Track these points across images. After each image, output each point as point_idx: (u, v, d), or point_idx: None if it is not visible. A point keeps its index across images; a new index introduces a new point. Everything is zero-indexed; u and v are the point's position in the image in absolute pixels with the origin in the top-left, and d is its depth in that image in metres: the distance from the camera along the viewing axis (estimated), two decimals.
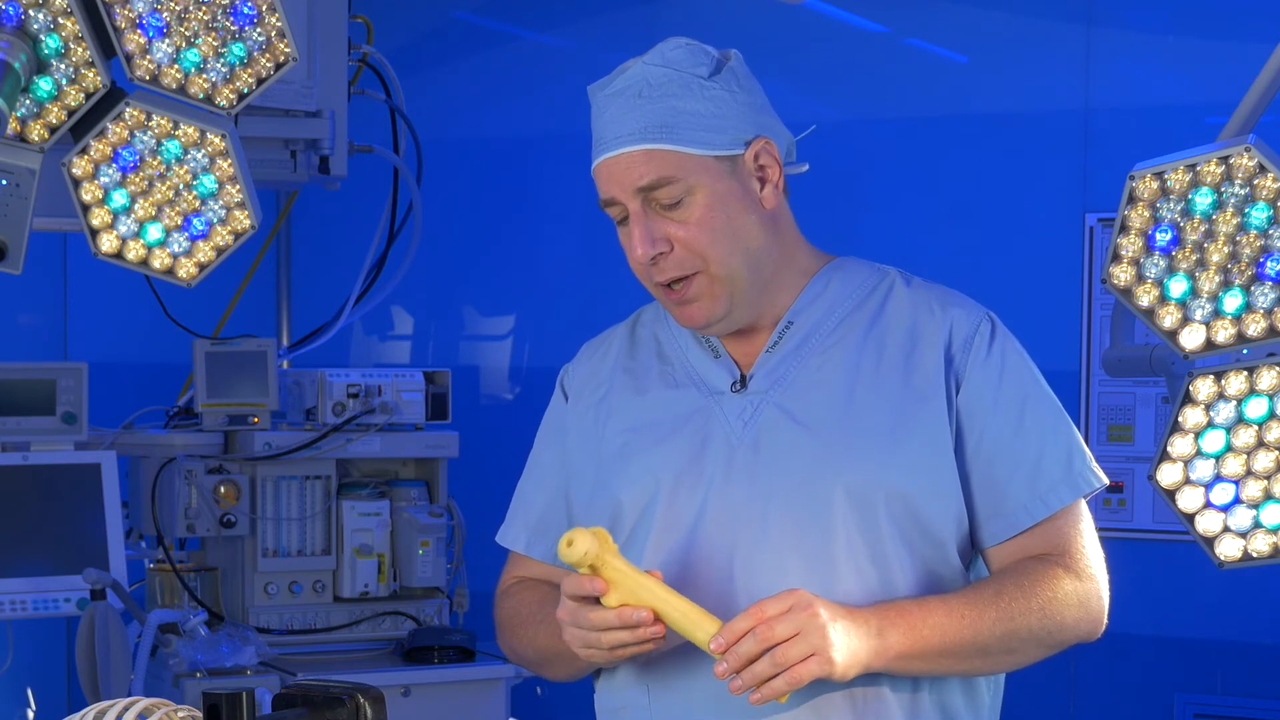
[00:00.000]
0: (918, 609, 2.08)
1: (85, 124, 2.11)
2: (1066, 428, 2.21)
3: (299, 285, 4.98)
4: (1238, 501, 2.11)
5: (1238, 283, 2.04)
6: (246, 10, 2.06)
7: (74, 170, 2.13)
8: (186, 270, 2.18)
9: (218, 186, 2.14)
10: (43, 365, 3.87)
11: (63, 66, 2.08)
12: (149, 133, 2.11)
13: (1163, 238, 2.05)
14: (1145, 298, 2.08)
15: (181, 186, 2.14)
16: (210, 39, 2.06)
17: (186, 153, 2.12)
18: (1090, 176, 4.36)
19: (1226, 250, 2.03)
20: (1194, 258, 2.05)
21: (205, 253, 2.17)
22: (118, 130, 2.11)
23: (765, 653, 1.98)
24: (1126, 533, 4.27)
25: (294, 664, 3.82)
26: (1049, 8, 4.41)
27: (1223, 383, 2.10)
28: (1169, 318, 2.07)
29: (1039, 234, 4.41)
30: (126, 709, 1.56)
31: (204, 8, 2.06)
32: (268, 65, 2.08)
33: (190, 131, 2.11)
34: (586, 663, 2.19)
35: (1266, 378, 2.08)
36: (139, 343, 4.65)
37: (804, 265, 2.25)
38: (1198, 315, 2.06)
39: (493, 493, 2.40)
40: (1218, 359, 2.09)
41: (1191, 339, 2.07)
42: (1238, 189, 2.01)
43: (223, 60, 2.07)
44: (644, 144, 2.13)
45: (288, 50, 2.07)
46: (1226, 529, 2.13)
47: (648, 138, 2.13)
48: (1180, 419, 2.12)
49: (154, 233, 2.16)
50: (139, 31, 2.06)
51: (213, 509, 3.88)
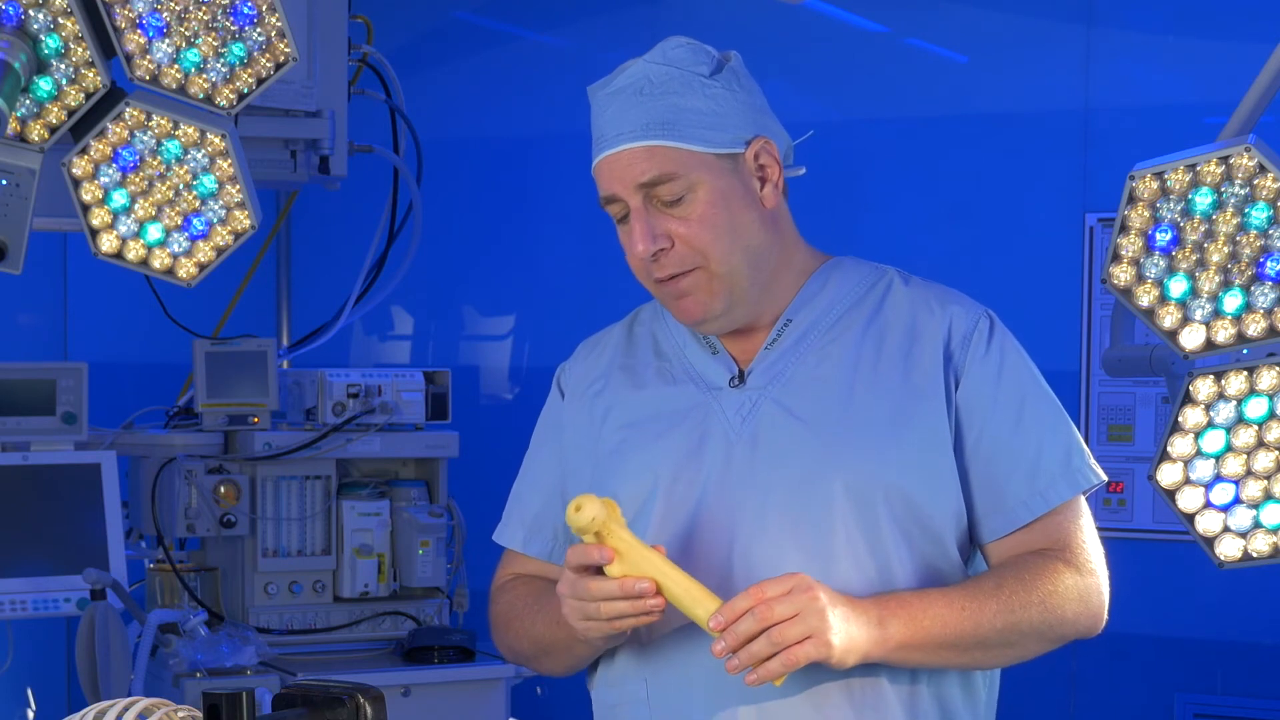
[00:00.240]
0: (918, 600, 2.09)
1: (85, 124, 2.11)
2: (1065, 425, 2.22)
3: (299, 285, 4.98)
4: (1238, 501, 2.11)
5: (1238, 283, 2.04)
6: (246, 10, 2.06)
7: (74, 170, 2.12)
8: (186, 270, 2.18)
9: (218, 186, 2.14)
10: (43, 365, 3.87)
11: (63, 66, 2.08)
12: (149, 133, 2.11)
13: (1163, 238, 2.05)
14: (1145, 298, 2.08)
15: (181, 186, 2.14)
16: (210, 39, 2.06)
17: (186, 153, 2.12)
18: (1090, 176, 4.36)
19: (1226, 250, 2.03)
20: (1194, 258, 2.05)
21: (205, 253, 2.17)
22: (118, 130, 2.11)
23: (763, 632, 1.98)
24: (1126, 533, 4.27)
25: (294, 664, 3.82)
26: (1049, 8, 4.41)
27: (1223, 383, 2.10)
28: (1169, 318, 2.07)
29: (1039, 234, 4.41)
30: (126, 709, 1.56)
31: (204, 8, 2.06)
32: (268, 65, 2.08)
33: (190, 131, 2.11)
34: (584, 651, 2.19)
35: (1266, 378, 2.08)
36: (139, 343, 4.65)
37: (802, 265, 2.26)
38: (1198, 315, 2.06)
39: (493, 493, 2.40)
40: (1218, 359, 2.09)
41: (1191, 339, 2.07)
42: (1238, 189, 2.01)
43: (223, 60, 2.07)
44: (646, 140, 2.13)
45: (288, 50, 2.07)
46: (1226, 529, 2.13)
47: (650, 134, 2.13)
48: (1180, 419, 2.12)
49: (154, 233, 2.16)
50: (139, 31, 2.06)
51: (213, 509, 3.88)
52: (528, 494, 2.35)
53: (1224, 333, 2.06)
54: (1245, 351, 2.08)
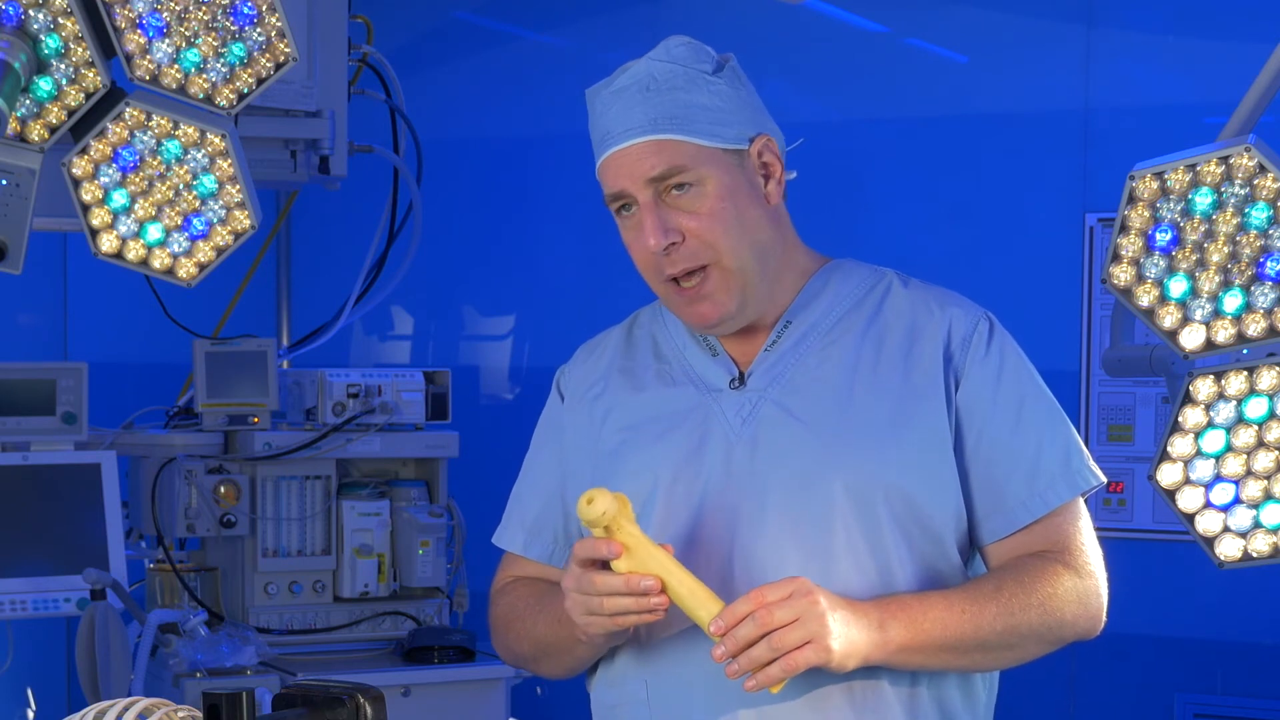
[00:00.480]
0: (918, 603, 2.09)
1: (85, 124, 2.11)
2: (1064, 426, 2.22)
3: (299, 285, 4.98)
4: (1238, 501, 2.11)
5: (1238, 283, 2.04)
6: (246, 10, 2.06)
7: (74, 170, 2.12)
8: (186, 270, 2.18)
9: (218, 186, 2.14)
10: (43, 365, 3.87)
11: (63, 66, 2.08)
12: (149, 133, 2.11)
13: (1163, 238, 2.05)
14: (1145, 298, 2.08)
15: (181, 186, 2.14)
16: (210, 39, 2.06)
17: (186, 153, 2.12)
18: (1090, 176, 4.36)
19: (1226, 250, 2.03)
20: (1194, 258, 2.05)
21: (205, 253, 2.17)
22: (118, 130, 2.11)
23: (763, 637, 1.98)
24: (1126, 533, 4.27)
25: (294, 664, 3.82)
26: (1049, 8, 4.41)
27: (1223, 383, 2.10)
28: (1169, 318, 2.07)
29: (1039, 234, 4.41)
30: (126, 709, 1.56)
31: (204, 8, 2.06)
32: (268, 65, 2.08)
33: (190, 131, 2.11)
34: (585, 652, 2.19)
35: (1266, 378, 2.08)
36: (139, 343, 4.65)
37: (803, 266, 2.26)
38: (1198, 315, 2.06)
39: (493, 493, 2.40)
40: (1218, 359, 2.09)
41: (1191, 339, 2.07)
42: (1238, 189, 2.01)
43: (223, 60, 2.07)
44: (655, 134, 2.14)
45: (288, 50, 2.07)
46: (1226, 529, 2.13)
47: (658, 128, 2.14)
48: (1180, 419, 2.12)
49: (154, 233, 2.16)
50: (139, 31, 2.06)
51: (213, 509, 3.88)
52: (528, 497, 2.35)
53: (1224, 333, 2.06)
54: (1245, 351, 2.09)
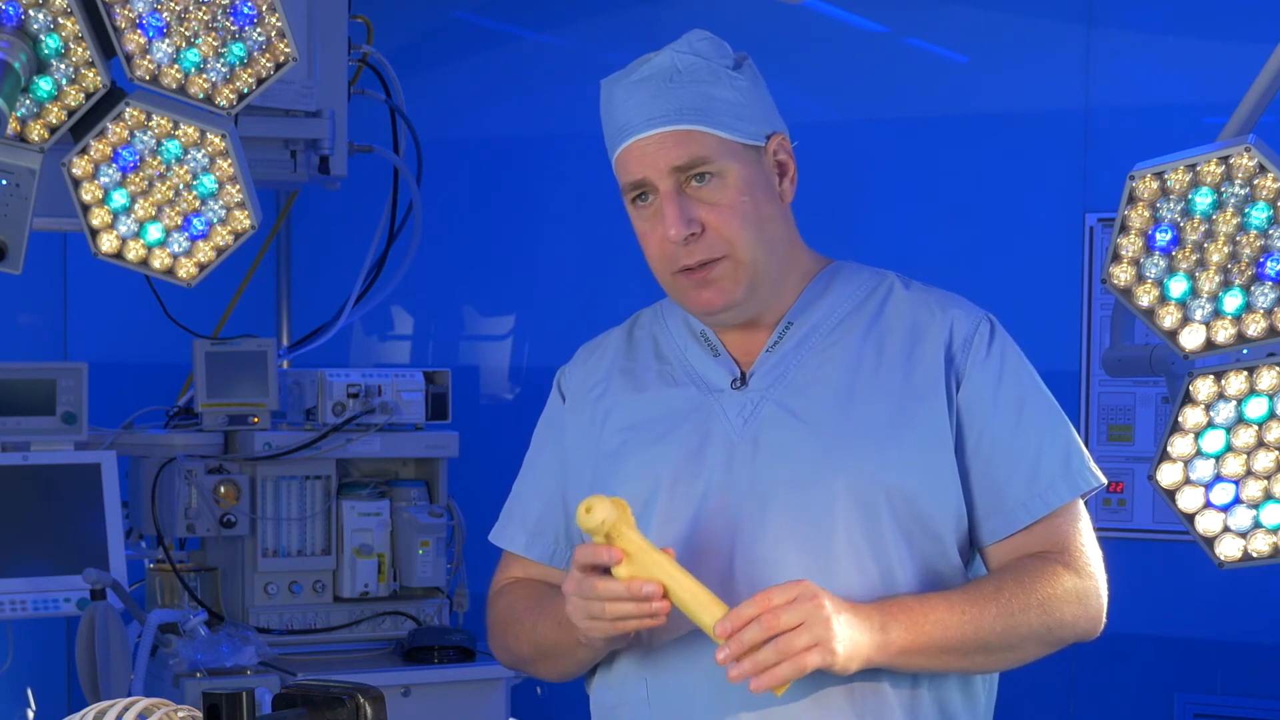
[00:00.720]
0: (919, 605, 2.09)
1: (85, 124, 2.11)
2: (1064, 427, 2.22)
3: (299, 285, 4.98)
4: (1238, 501, 2.12)
5: (1238, 283, 2.04)
6: (246, 10, 2.06)
7: (74, 170, 2.12)
8: (186, 270, 2.18)
9: (218, 186, 2.14)
10: (43, 365, 3.87)
11: (63, 66, 2.08)
12: (149, 133, 2.11)
13: (1163, 238, 2.05)
14: (1145, 298, 2.08)
15: (181, 186, 2.14)
16: (210, 39, 2.06)
17: (186, 153, 2.12)
18: (1090, 176, 4.35)
19: (1226, 250, 2.03)
20: (1194, 258, 2.05)
21: (205, 253, 2.17)
22: (118, 130, 2.11)
23: (768, 641, 1.98)
24: (1126, 533, 4.27)
25: (294, 664, 3.82)
26: (1049, 8, 4.41)
27: (1223, 383, 2.10)
28: (1169, 318, 2.07)
29: (1039, 234, 4.41)
30: (126, 709, 1.56)
31: (204, 8, 2.06)
32: (268, 65, 2.08)
33: (190, 131, 2.11)
34: (585, 655, 2.19)
35: (1266, 378, 2.08)
36: (139, 343, 4.65)
37: (805, 267, 2.27)
38: (1198, 315, 2.06)
39: (493, 493, 2.40)
40: (1218, 359, 2.09)
41: (1191, 339, 2.07)
42: (1238, 189, 2.01)
43: (223, 60, 2.07)
44: (679, 125, 2.15)
45: (288, 50, 2.07)
46: (1226, 529, 2.13)
47: (683, 119, 2.14)
48: (1180, 419, 2.12)
49: (154, 233, 2.16)
50: (139, 31, 2.06)
51: (213, 509, 3.88)
52: (530, 497, 2.34)
53: (1224, 333, 2.06)
54: (1245, 351, 2.09)
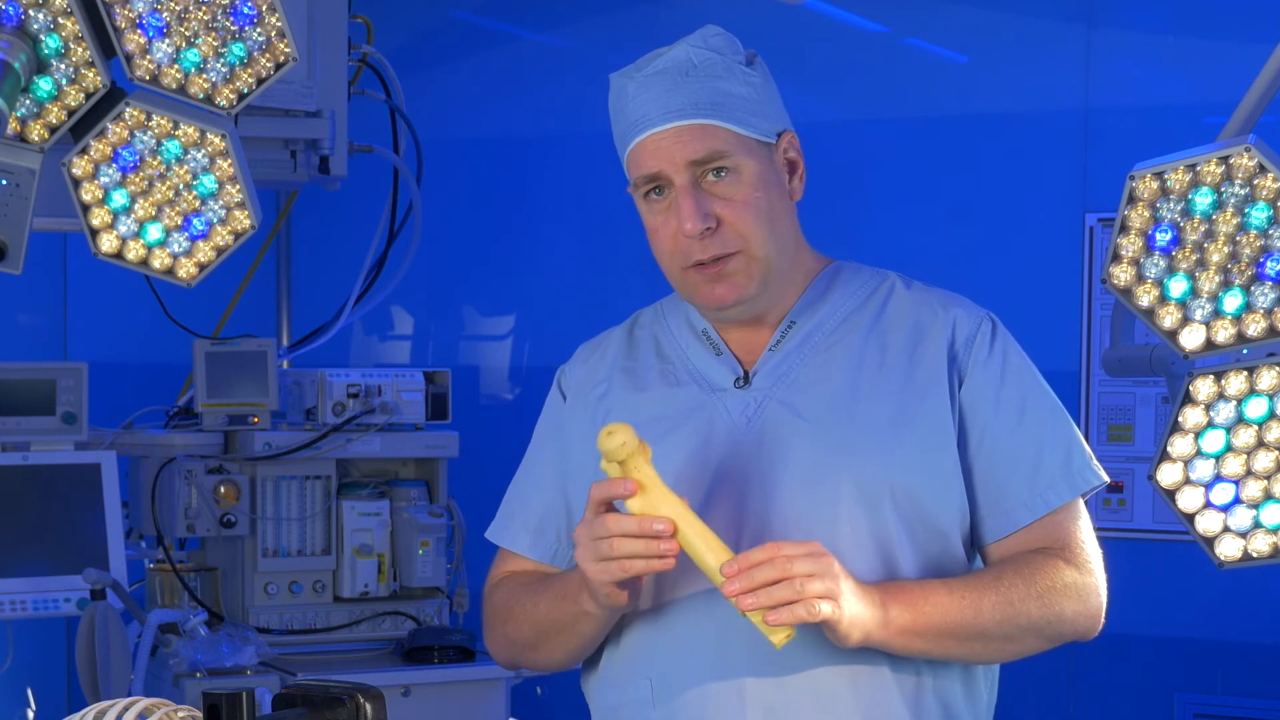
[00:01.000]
0: (920, 588, 2.11)
1: (85, 124, 2.11)
2: (1066, 426, 2.23)
3: (299, 285, 4.98)
4: (1238, 501, 2.11)
5: (1238, 283, 2.04)
6: (246, 10, 2.05)
7: (74, 170, 2.12)
8: (186, 270, 2.18)
9: (218, 186, 2.14)
10: (43, 365, 3.87)
11: (63, 66, 2.08)
12: (149, 133, 2.11)
13: (1163, 238, 2.05)
14: (1145, 298, 2.08)
15: (181, 186, 2.14)
16: (210, 39, 2.06)
17: (186, 153, 2.12)
18: (1090, 176, 4.36)
19: (1226, 250, 2.03)
20: (1194, 258, 2.05)
21: (205, 253, 2.17)
22: (118, 130, 2.11)
23: (781, 582, 1.97)
24: (1126, 533, 4.27)
25: (294, 664, 3.82)
26: (1049, 8, 4.41)
27: (1223, 383, 2.10)
28: (1169, 318, 2.07)
29: (1039, 234, 4.41)
30: (126, 709, 1.56)
31: (204, 8, 2.06)
32: (268, 65, 2.08)
33: (190, 131, 2.11)
34: (588, 628, 2.17)
35: (1266, 378, 2.08)
36: (139, 343, 4.65)
37: (809, 266, 2.28)
38: (1198, 315, 2.06)
39: (493, 493, 2.40)
40: (1218, 359, 2.09)
41: (1191, 339, 2.07)
42: (1238, 189, 2.01)
43: (223, 60, 2.07)
44: (697, 119, 2.15)
45: (288, 50, 2.07)
46: (1226, 529, 2.12)
47: (700, 113, 2.15)
48: (1180, 419, 2.12)
49: (154, 233, 2.15)
50: (139, 31, 2.06)
51: (213, 509, 3.88)
52: (531, 497, 2.34)
53: (1224, 333, 2.06)
54: (1245, 351, 2.08)
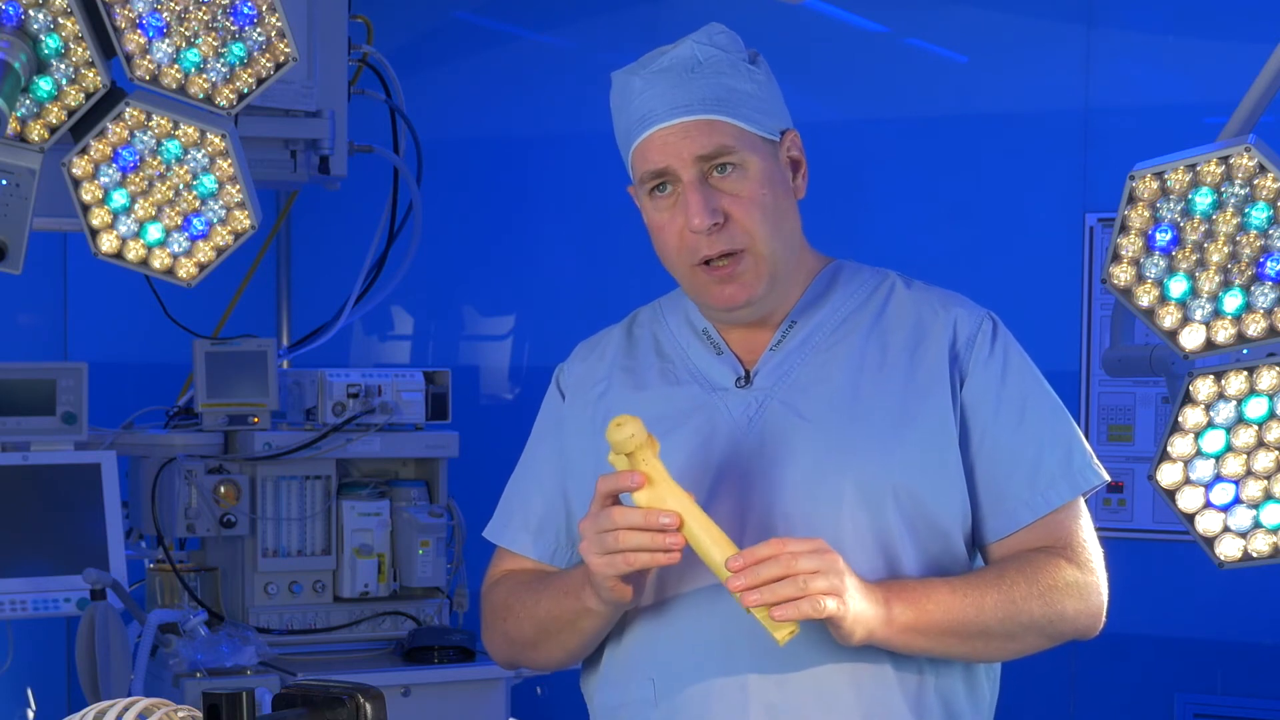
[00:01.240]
0: (922, 586, 2.11)
1: (85, 124, 2.11)
2: (1067, 425, 2.23)
3: (299, 285, 4.98)
4: (1238, 501, 2.11)
5: (1238, 283, 2.04)
6: (246, 10, 2.05)
7: (74, 170, 2.12)
8: (186, 270, 2.18)
9: (218, 186, 2.14)
10: (43, 365, 3.87)
11: (63, 66, 2.08)
12: (149, 133, 2.11)
13: (1163, 238, 2.05)
14: (1145, 298, 2.08)
15: (181, 186, 2.14)
16: (210, 39, 2.06)
17: (186, 153, 2.12)
18: (1090, 176, 4.36)
19: (1226, 250, 2.03)
20: (1194, 258, 2.05)
21: (205, 253, 2.17)
22: (118, 130, 2.11)
23: (786, 578, 1.97)
24: (1126, 533, 4.27)
25: (294, 664, 3.82)
26: (1049, 8, 4.41)
27: (1223, 383, 2.10)
28: (1169, 318, 2.07)
29: (1039, 234, 4.41)
30: (126, 709, 1.56)
31: (204, 8, 2.06)
32: (268, 65, 2.08)
33: (190, 131, 2.11)
34: (590, 624, 2.17)
35: (1266, 378, 2.08)
36: (139, 343, 4.65)
37: (809, 265, 2.28)
38: (1198, 315, 2.06)
39: (493, 493, 2.40)
40: (1218, 359, 2.09)
41: (1191, 339, 2.07)
42: (1238, 189, 2.01)
43: (223, 60, 2.07)
44: (704, 114, 2.15)
45: (288, 50, 2.07)
46: (1226, 529, 2.13)
47: (707, 109, 2.15)
48: (1180, 419, 2.12)
49: (154, 233, 2.15)
50: (139, 31, 2.06)
51: (213, 509, 3.88)
52: (531, 496, 2.33)
53: (1224, 333, 2.06)
54: (1245, 351, 2.08)
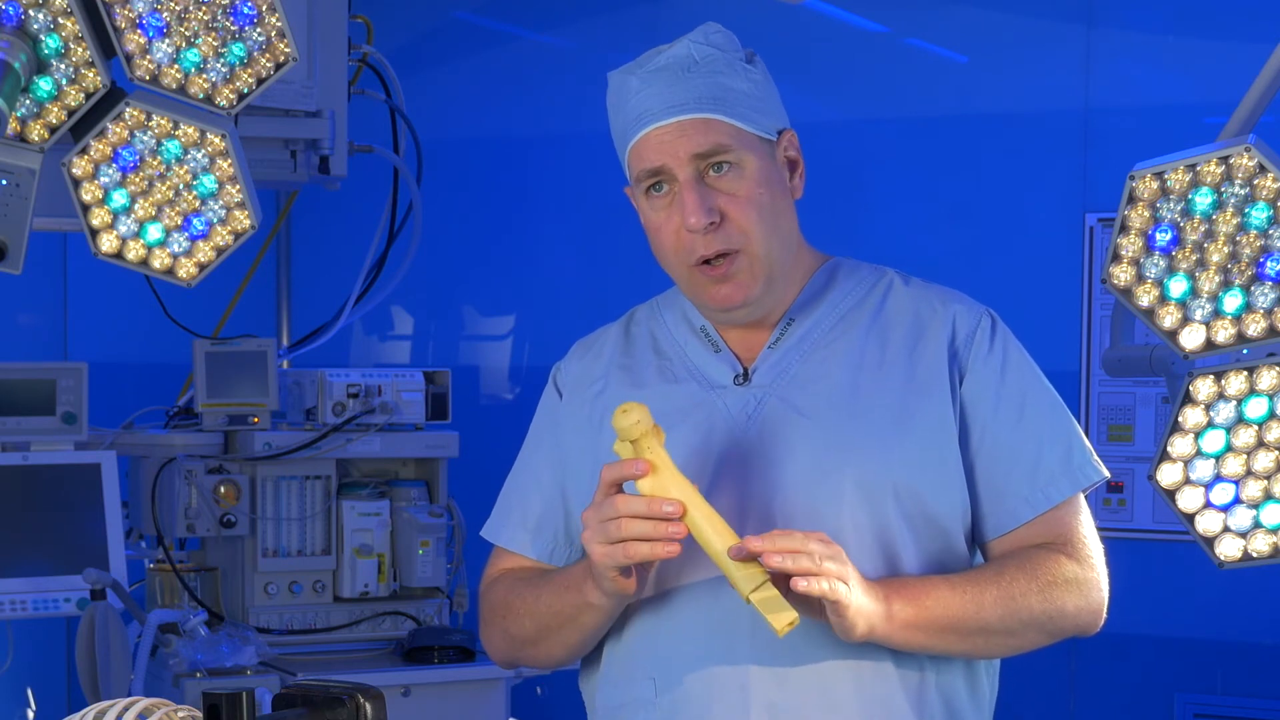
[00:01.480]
0: (922, 583, 2.12)
1: (85, 124, 2.11)
2: (1066, 422, 2.23)
3: (299, 285, 4.98)
4: (1238, 501, 2.11)
5: (1238, 283, 2.04)
6: (246, 10, 2.05)
7: (74, 170, 2.12)
8: (186, 270, 2.18)
9: (218, 186, 2.14)
10: (43, 365, 3.87)
11: (63, 66, 2.08)
12: (149, 133, 2.11)
13: (1163, 238, 2.05)
14: (1145, 298, 2.08)
15: (181, 186, 2.14)
16: (210, 39, 2.06)
17: (186, 153, 2.12)
18: (1090, 176, 4.36)
19: (1226, 250, 2.03)
20: (1194, 258, 2.05)
21: (205, 253, 2.17)
22: (118, 130, 2.11)
23: (802, 554, 1.98)
24: (1126, 533, 4.27)
25: (294, 664, 3.82)
26: (1049, 8, 4.41)
27: (1223, 383, 2.10)
28: (1169, 318, 2.07)
29: (1039, 234, 4.41)
30: (126, 709, 1.56)
31: (204, 8, 2.06)
32: (268, 65, 2.08)
33: (190, 131, 2.11)
34: (590, 620, 2.16)
35: (1266, 378, 2.08)
36: (139, 343, 4.65)
37: (807, 264, 2.28)
38: (1198, 315, 2.06)
39: (493, 493, 2.40)
40: (1218, 359, 2.09)
41: (1191, 339, 2.07)
42: (1238, 189, 2.01)
43: (223, 60, 2.07)
44: (700, 113, 2.15)
45: (288, 50, 2.07)
46: (1226, 529, 2.12)
47: (704, 107, 2.15)
48: (1180, 419, 2.12)
49: (154, 233, 2.15)
50: (139, 31, 2.06)
51: (213, 509, 3.88)
52: (529, 494, 2.33)
53: (1224, 333, 2.06)
54: (1245, 351, 2.08)
